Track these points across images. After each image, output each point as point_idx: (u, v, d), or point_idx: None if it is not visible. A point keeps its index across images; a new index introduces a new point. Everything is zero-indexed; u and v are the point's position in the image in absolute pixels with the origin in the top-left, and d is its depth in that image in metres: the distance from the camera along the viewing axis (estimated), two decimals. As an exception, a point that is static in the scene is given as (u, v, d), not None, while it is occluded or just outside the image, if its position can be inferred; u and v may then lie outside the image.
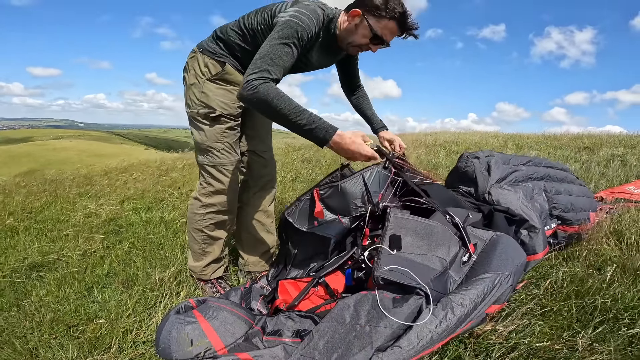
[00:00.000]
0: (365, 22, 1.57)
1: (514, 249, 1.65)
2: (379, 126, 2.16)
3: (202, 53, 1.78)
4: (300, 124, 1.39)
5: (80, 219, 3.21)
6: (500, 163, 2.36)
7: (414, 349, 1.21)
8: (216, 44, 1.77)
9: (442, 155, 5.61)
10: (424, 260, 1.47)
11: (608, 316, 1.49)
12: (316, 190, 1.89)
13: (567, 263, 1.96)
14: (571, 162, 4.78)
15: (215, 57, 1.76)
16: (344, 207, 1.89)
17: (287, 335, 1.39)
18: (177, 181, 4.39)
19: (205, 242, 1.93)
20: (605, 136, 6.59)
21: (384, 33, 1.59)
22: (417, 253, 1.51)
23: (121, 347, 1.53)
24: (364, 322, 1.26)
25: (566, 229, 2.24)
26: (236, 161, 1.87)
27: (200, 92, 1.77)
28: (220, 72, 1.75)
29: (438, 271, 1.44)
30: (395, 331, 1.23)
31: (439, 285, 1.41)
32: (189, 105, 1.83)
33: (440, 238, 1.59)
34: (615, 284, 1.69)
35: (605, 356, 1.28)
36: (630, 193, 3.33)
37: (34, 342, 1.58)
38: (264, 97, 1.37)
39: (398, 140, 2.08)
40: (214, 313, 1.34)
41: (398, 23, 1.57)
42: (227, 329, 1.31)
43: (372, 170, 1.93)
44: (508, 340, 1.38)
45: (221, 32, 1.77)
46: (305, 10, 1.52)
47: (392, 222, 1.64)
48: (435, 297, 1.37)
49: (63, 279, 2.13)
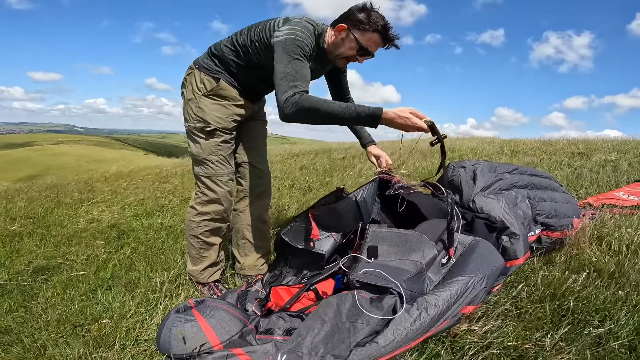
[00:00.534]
0: (351, 36, 1.69)
1: (490, 253, 1.76)
2: (367, 141, 2.25)
3: (198, 69, 1.88)
4: (352, 115, 1.50)
5: (83, 225, 3.30)
6: (486, 171, 2.45)
7: (390, 345, 1.32)
8: (211, 60, 1.87)
9: (437, 162, 5.70)
10: (398, 264, 1.61)
11: (579, 317, 1.59)
12: (311, 212, 2.02)
13: (547, 267, 2.06)
14: (564, 168, 4.84)
15: (211, 74, 1.86)
16: (337, 225, 2.02)
17: (278, 333, 1.50)
18: (176, 188, 4.49)
19: (202, 248, 2.02)
20: (600, 141, 6.65)
21: (369, 45, 1.71)
22: (392, 259, 1.65)
23: (124, 344, 1.61)
24: (345, 319, 1.37)
25: (550, 235, 2.32)
26: (230, 173, 1.98)
27: (196, 107, 1.87)
28: (215, 87, 1.85)
29: (412, 272, 1.56)
30: (373, 327, 1.35)
31: (414, 286, 1.52)
32: (186, 120, 1.93)
33: (415, 244, 1.72)
34: (590, 287, 1.79)
35: (571, 355, 1.38)
36: (618, 198, 3.37)
37: (41, 340, 1.66)
38: (309, 107, 1.48)
39: (385, 157, 2.19)
40: (211, 312, 1.44)
41: (381, 35, 1.69)
42: (223, 326, 1.42)
43: (364, 189, 2.05)
44: (483, 339, 1.48)
45: (215, 49, 1.87)
46: (298, 27, 1.63)
47: (370, 236, 1.80)
48: (410, 296, 1.48)
49: (68, 282, 2.22)
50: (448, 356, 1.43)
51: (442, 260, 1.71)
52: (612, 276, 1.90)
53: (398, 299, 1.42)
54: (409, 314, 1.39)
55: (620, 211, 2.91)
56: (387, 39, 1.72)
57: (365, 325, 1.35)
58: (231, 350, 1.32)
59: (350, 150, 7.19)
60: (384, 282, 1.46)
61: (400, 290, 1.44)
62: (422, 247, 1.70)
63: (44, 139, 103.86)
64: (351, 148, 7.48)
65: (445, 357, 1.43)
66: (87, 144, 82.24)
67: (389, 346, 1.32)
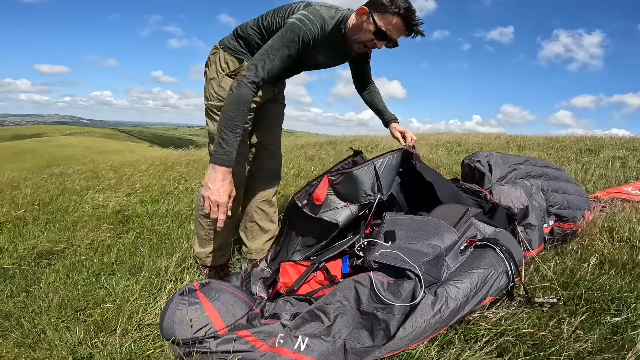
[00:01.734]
0: (371, 18, 1.62)
1: (512, 245, 1.71)
2: (390, 118, 2.20)
3: (223, 49, 1.87)
4: (223, 134, 1.52)
5: (88, 211, 3.29)
6: (500, 162, 2.42)
7: (407, 338, 1.29)
8: (236, 41, 1.86)
9: (444, 155, 5.66)
10: (417, 247, 1.54)
11: (595, 306, 1.55)
12: (327, 176, 1.93)
13: (559, 257, 2.02)
14: (572, 163, 4.81)
15: (235, 54, 1.84)
16: (353, 194, 1.94)
17: (284, 318, 1.46)
18: (182, 175, 4.47)
19: (211, 229, 1.99)
20: (608, 139, 6.60)
21: (388, 29, 1.62)
22: (410, 242, 1.58)
23: (126, 329, 1.59)
24: (365, 306, 1.35)
25: (562, 226, 2.30)
26: (245, 153, 1.95)
27: (218, 86, 1.86)
28: (238, 68, 1.83)
29: (430, 255, 1.50)
30: (392, 317, 1.31)
31: (432, 270, 1.47)
32: (207, 98, 1.92)
33: (434, 229, 1.66)
34: (604, 276, 1.75)
35: (589, 344, 1.33)
36: (627, 193, 3.37)
37: (42, 325, 1.63)
38: (229, 98, 1.53)
39: (409, 133, 2.13)
40: (216, 294, 1.40)
41: (402, 19, 1.61)
42: (229, 310, 1.37)
43: (384, 158, 1.97)
44: (497, 326, 1.44)
45: (241, 30, 1.85)
46: (311, 15, 1.59)
47: (387, 222, 1.73)
48: (429, 281, 1.43)
49: (71, 266, 2.20)
50: (461, 343, 1.40)
51: (461, 247, 1.66)
52: (625, 266, 1.86)
53: (417, 283, 1.37)
54: (431, 307, 1.35)
55: (630, 205, 2.88)
56: (410, 24, 1.63)
57: (386, 314, 1.31)
58: (237, 332, 1.29)
59: (355, 142, 7.15)
60: (402, 264, 1.41)
61: (418, 272, 1.38)
62: (442, 232, 1.65)
63: (52, 131, 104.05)
64: (356, 140, 7.44)
65: (459, 344, 1.39)
66: (93, 135, 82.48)
67: (406, 338, 1.29)
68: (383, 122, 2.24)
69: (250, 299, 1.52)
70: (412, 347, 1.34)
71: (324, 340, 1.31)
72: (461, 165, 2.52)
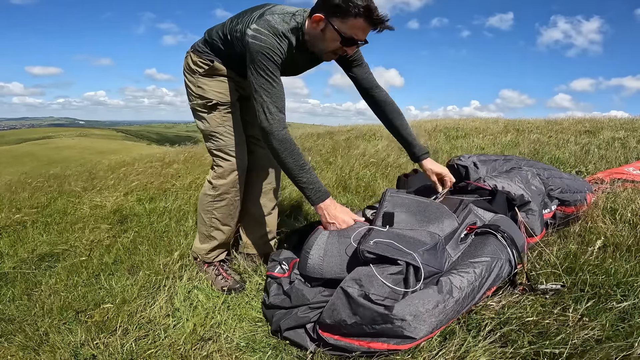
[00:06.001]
0: (331, 26, 1.52)
1: (513, 231, 1.68)
2: (422, 152, 1.97)
3: (193, 52, 1.87)
4: (300, 182, 1.60)
5: (86, 211, 3.27)
6: (484, 159, 2.40)
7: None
8: (204, 45, 1.85)
9: (442, 140, 5.62)
10: (414, 235, 1.51)
11: (600, 292, 1.52)
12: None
13: (562, 241, 1.99)
14: (571, 145, 4.78)
15: (204, 56, 1.83)
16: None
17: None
18: (179, 172, 4.44)
19: (212, 225, 1.98)
20: (607, 120, 6.55)
21: (354, 33, 1.52)
22: (408, 228, 1.55)
23: (126, 329, 1.58)
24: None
25: (564, 210, 2.28)
26: (241, 143, 1.93)
27: (196, 87, 1.87)
28: (209, 68, 1.83)
29: (428, 244, 1.47)
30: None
31: (432, 260, 1.44)
32: (189, 99, 1.94)
33: (434, 214, 1.63)
34: (608, 260, 1.72)
35: (595, 332, 1.30)
36: (628, 174, 3.35)
37: (44, 327, 1.64)
38: (276, 150, 1.57)
39: (448, 175, 1.96)
40: None
41: (365, 19, 1.48)
42: None
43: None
44: (500, 315, 1.42)
45: (208, 35, 1.84)
46: (263, 29, 1.53)
47: (387, 201, 1.69)
48: (429, 272, 1.41)
49: (71, 268, 2.19)
50: (464, 333, 1.38)
51: (461, 235, 1.63)
52: (629, 249, 1.83)
53: (413, 273, 1.35)
54: (434, 296, 1.32)
55: (632, 185, 2.85)
56: (374, 22, 1.49)
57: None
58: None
59: (353, 131, 7.09)
60: (397, 254, 1.38)
61: (417, 263, 1.36)
62: (442, 218, 1.62)
63: (52, 132, 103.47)
64: (353, 130, 7.38)
65: (461, 334, 1.37)
66: (90, 136, 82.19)
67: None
68: (411, 155, 2.00)
69: None
70: (420, 342, 1.31)
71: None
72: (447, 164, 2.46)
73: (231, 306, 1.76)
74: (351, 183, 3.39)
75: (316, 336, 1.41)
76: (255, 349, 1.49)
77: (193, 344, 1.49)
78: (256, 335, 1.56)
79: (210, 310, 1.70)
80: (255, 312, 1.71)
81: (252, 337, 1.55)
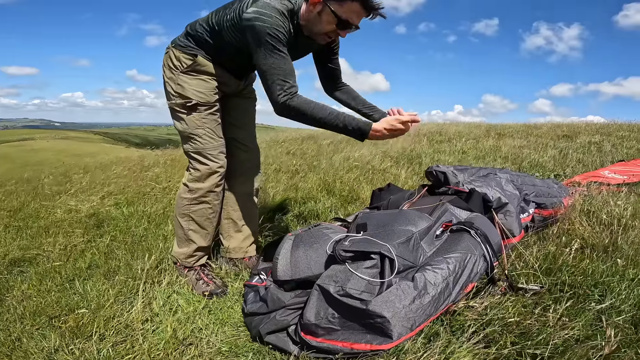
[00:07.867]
0: (328, 9, 1.55)
1: (488, 229, 1.70)
2: (381, 114, 1.99)
3: (174, 47, 1.81)
4: (338, 126, 1.56)
5: (60, 215, 3.18)
6: (460, 168, 2.47)
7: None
8: (186, 39, 1.80)
9: (426, 144, 5.69)
10: (388, 233, 1.56)
11: (579, 292, 1.55)
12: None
13: (541, 242, 2.03)
14: (549, 149, 4.91)
15: (187, 51, 1.78)
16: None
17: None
18: (158, 176, 4.35)
19: (190, 229, 1.94)
20: (584, 125, 6.78)
21: (350, 16, 1.56)
22: (381, 230, 1.59)
23: (103, 335, 1.53)
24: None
25: (542, 213, 2.33)
26: (220, 146, 1.89)
27: (176, 84, 1.81)
28: (192, 64, 1.78)
29: (403, 238, 1.50)
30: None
31: (406, 253, 1.46)
32: (168, 98, 1.87)
33: (406, 218, 1.67)
34: (585, 260, 1.75)
35: (576, 331, 1.32)
36: (604, 177, 3.46)
37: (16, 333, 1.59)
38: (299, 111, 1.54)
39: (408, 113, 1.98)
40: None
41: (361, 3, 1.53)
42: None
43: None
44: (482, 315, 1.42)
45: (191, 29, 1.80)
46: (265, 10, 1.52)
47: (360, 218, 1.77)
48: (403, 265, 1.43)
49: (44, 273, 2.12)
50: (447, 335, 1.38)
51: (436, 232, 1.65)
52: (606, 250, 1.87)
53: (388, 265, 1.36)
54: (410, 292, 1.33)
55: (608, 188, 2.94)
56: (369, 7, 1.54)
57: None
58: None
59: (338, 136, 7.11)
60: (371, 247, 1.40)
61: (392, 255, 1.37)
62: (414, 219, 1.65)
63: (21, 135, 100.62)
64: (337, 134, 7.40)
65: (445, 335, 1.37)
66: (66, 138, 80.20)
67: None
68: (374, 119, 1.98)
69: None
70: (401, 340, 1.31)
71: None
72: (425, 175, 2.50)
73: (212, 310, 1.73)
74: (335, 187, 3.38)
75: (298, 339, 1.40)
76: (238, 353, 1.46)
77: (173, 348, 1.45)
78: (238, 340, 1.53)
79: (190, 315, 1.66)
80: (237, 316, 1.68)
81: (234, 342, 1.52)
